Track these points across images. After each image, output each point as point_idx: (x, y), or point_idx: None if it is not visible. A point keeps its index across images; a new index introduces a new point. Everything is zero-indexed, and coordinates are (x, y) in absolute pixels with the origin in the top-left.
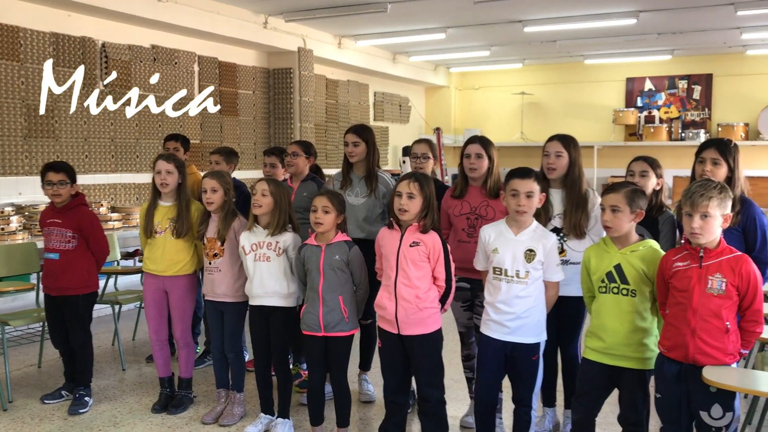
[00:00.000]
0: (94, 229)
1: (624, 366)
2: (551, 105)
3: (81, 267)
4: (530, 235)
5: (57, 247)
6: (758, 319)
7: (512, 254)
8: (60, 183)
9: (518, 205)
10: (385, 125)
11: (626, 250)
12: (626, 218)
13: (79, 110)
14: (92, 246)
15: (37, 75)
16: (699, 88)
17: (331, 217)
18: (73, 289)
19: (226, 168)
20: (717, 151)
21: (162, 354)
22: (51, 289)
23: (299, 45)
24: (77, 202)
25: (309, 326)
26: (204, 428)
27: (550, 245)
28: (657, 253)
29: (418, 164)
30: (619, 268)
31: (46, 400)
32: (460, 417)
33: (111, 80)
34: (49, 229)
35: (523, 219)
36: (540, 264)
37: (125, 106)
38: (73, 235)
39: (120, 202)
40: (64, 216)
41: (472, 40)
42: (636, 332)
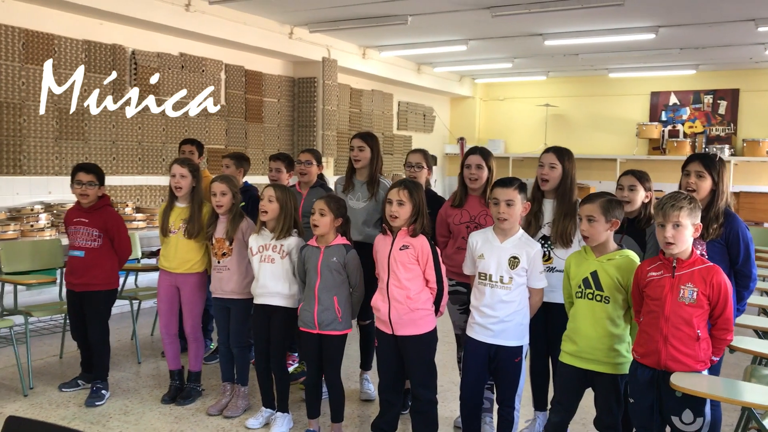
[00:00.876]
0: (120, 230)
1: (596, 370)
2: (575, 117)
3: (105, 265)
4: (515, 242)
5: (82, 245)
6: (728, 327)
7: (497, 260)
8: (89, 183)
9: (498, 212)
10: (408, 134)
11: (603, 258)
12: (602, 227)
13: (108, 114)
14: (116, 246)
15: (72, 80)
16: (725, 103)
17: (328, 220)
18: (95, 285)
19: (236, 172)
20: (701, 164)
21: (172, 347)
22: (74, 285)
23: (323, 55)
24: (103, 203)
25: (305, 323)
26: (208, 419)
27: (534, 253)
28: (632, 263)
29: (412, 173)
30: (595, 275)
31: (64, 388)
32: (454, 418)
33: (154, 83)
34: (75, 227)
35: (505, 227)
36: (524, 271)
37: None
38: (99, 234)
39: (145, 202)
40: (90, 216)
41: (493, 52)
42: (608, 337)
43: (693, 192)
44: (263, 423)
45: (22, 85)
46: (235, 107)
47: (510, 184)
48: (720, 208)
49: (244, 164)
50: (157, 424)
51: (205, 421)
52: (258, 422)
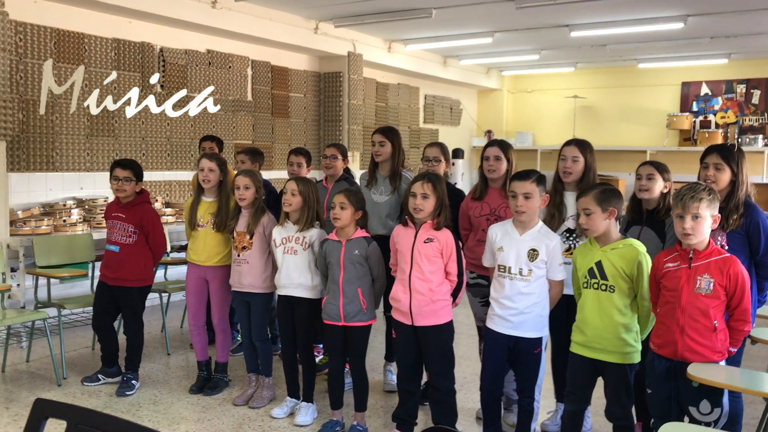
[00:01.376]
0: (155, 227)
1: (604, 359)
2: (604, 109)
3: (139, 261)
4: (534, 235)
5: (118, 240)
6: (746, 318)
7: (516, 253)
8: (125, 179)
9: (516, 205)
10: (435, 127)
11: (607, 248)
12: (599, 218)
13: (137, 111)
14: (151, 242)
15: (101, 78)
16: (758, 93)
17: (348, 213)
18: (129, 281)
19: (251, 167)
20: (720, 156)
21: (200, 339)
22: (108, 278)
23: (349, 49)
24: (141, 200)
25: (330, 316)
26: (234, 409)
27: (553, 245)
28: (634, 251)
29: (430, 167)
30: (599, 265)
31: (86, 382)
32: (476, 409)
33: (167, 83)
34: (113, 222)
35: (523, 219)
36: (543, 263)
37: (181, 108)
38: (135, 231)
39: (174, 198)
40: (127, 211)
41: (520, 44)
42: (615, 327)
43: (712, 183)
44: (288, 412)
45: (54, 83)
46: (262, 103)
47: (527, 177)
48: (740, 198)
49: (259, 159)
50: (185, 413)
51: (231, 411)
52: (283, 412)
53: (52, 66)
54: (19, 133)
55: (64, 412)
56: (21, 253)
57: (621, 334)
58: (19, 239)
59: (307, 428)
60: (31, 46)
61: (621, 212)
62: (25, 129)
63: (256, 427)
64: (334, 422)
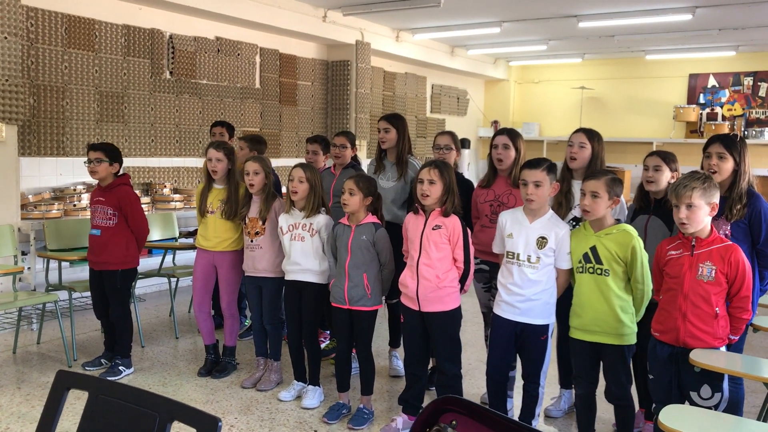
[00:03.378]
0: (132, 208)
1: (602, 342)
2: (611, 100)
3: (120, 243)
4: (544, 223)
5: (99, 223)
6: (745, 306)
7: (525, 240)
8: (96, 161)
9: (527, 193)
10: (442, 117)
11: (601, 233)
12: (604, 204)
13: (147, 97)
14: (131, 224)
15: (110, 64)
16: (765, 85)
17: (357, 199)
18: (112, 264)
19: (250, 154)
20: (722, 145)
21: (206, 323)
22: (94, 263)
23: (357, 38)
24: (120, 182)
25: (336, 299)
26: (242, 392)
27: (562, 234)
28: (628, 236)
29: (441, 155)
30: (594, 250)
31: (87, 367)
32: (481, 395)
33: (177, 69)
34: (95, 206)
35: (533, 207)
36: (551, 251)
37: (190, 94)
38: (114, 213)
39: (182, 184)
40: (107, 194)
41: (528, 35)
42: (611, 309)
43: (715, 173)
44: (295, 396)
45: (65, 69)
46: (270, 90)
47: (537, 165)
48: (743, 188)
49: (259, 146)
50: (194, 395)
51: (239, 393)
52: (290, 395)
53: (63, 52)
54: (30, 118)
55: (86, 383)
56: (32, 236)
57: (618, 315)
58: (30, 223)
59: (313, 411)
60: (42, 31)
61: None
62: (36, 114)
63: (263, 409)
64: (340, 405)
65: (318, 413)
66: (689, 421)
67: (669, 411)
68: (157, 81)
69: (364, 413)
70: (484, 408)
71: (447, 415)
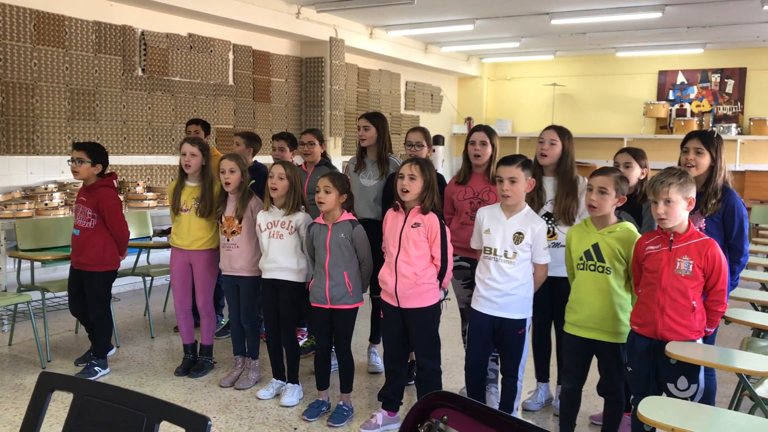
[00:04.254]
0: (110, 210)
1: (598, 339)
2: (583, 97)
3: (97, 245)
4: (521, 219)
5: (79, 224)
6: (721, 299)
7: (502, 235)
8: (77, 160)
9: (502, 190)
10: (416, 114)
11: (604, 231)
12: (611, 201)
13: (119, 95)
14: (109, 225)
15: (81, 61)
16: (732, 82)
17: (333, 197)
18: (89, 266)
19: (245, 151)
20: (700, 141)
21: (186, 322)
22: (74, 262)
23: (331, 35)
24: (102, 183)
25: (316, 299)
26: (221, 391)
27: (539, 229)
28: (632, 235)
29: (413, 152)
30: (596, 247)
31: (79, 363)
32: (459, 389)
33: (149, 67)
34: (78, 206)
35: (509, 203)
36: (528, 246)
37: (163, 92)
38: (93, 215)
39: (156, 182)
40: (88, 195)
41: (501, 32)
42: (610, 307)
43: (692, 168)
44: (274, 394)
45: (34, 66)
46: (243, 87)
47: (513, 161)
48: (718, 184)
49: (255, 144)
50: (172, 395)
51: (217, 392)
52: (269, 393)
53: (32, 49)
54: None
55: (71, 384)
56: (2, 236)
57: (617, 314)
58: (0, 222)
59: (293, 409)
60: (9, 27)
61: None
62: (5, 112)
63: (242, 408)
64: (320, 402)
65: (297, 411)
66: (667, 412)
67: (647, 403)
68: (129, 78)
69: (343, 410)
70: (474, 402)
71: (438, 410)
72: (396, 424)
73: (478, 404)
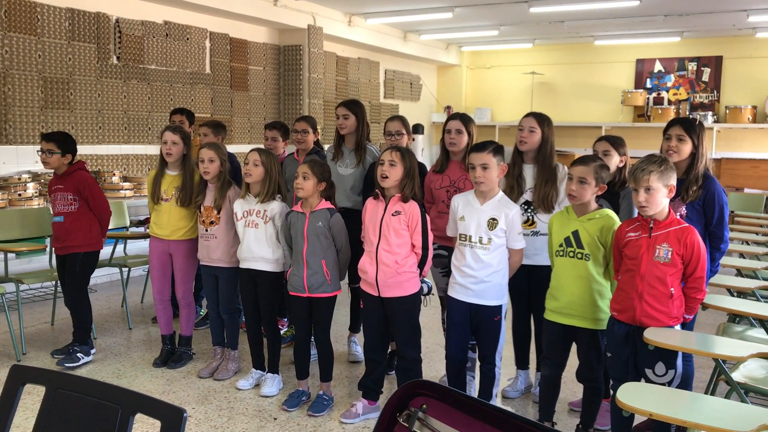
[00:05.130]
0: (92, 190)
1: (578, 325)
2: (561, 85)
3: (84, 227)
4: (494, 205)
5: (62, 210)
6: (700, 286)
7: (477, 222)
8: (47, 152)
9: (475, 176)
10: (395, 103)
11: (584, 218)
12: (591, 190)
13: (93, 83)
14: (93, 206)
15: (54, 49)
16: (708, 71)
17: (311, 183)
18: (75, 248)
19: (214, 140)
20: (682, 128)
21: (165, 313)
22: (58, 249)
23: (309, 22)
24: (76, 168)
25: (294, 288)
26: (200, 381)
27: (512, 215)
28: (611, 221)
29: (392, 141)
30: (576, 234)
31: (56, 355)
32: (439, 377)
33: (124, 54)
34: (55, 194)
35: (482, 189)
36: (502, 232)
37: (138, 80)
38: (75, 198)
39: (132, 172)
40: (65, 181)
41: (479, 20)
42: (589, 293)
43: (674, 154)
44: (254, 384)
45: (6, 53)
46: (221, 75)
47: (484, 148)
48: (699, 171)
49: (222, 132)
50: (150, 386)
51: (196, 383)
52: (248, 383)
53: (3, 36)
54: None
55: (43, 377)
56: None
57: (596, 300)
58: None
59: (273, 399)
60: None
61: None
62: None
63: (221, 398)
64: (300, 392)
65: (277, 401)
66: (646, 397)
67: (626, 388)
68: (104, 66)
69: (324, 400)
70: (453, 391)
71: (417, 399)
72: (376, 413)
73: (458, 393)
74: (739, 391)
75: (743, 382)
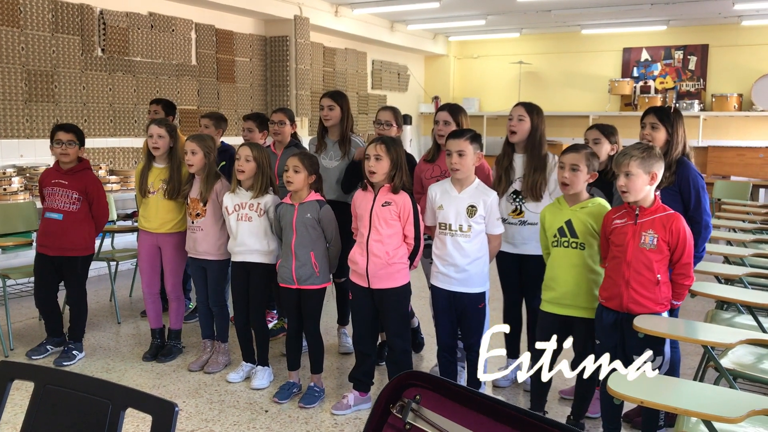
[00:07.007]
0: (99, 194)
1: (574, 315)
2: (549, 74)
3: (83, 229)
4: (471, 192)
5: (60, 207)
6: (687, 272)
7: (455, 210)
8: (69, 143)
9: (451, 163)
10: (383, 93)
11: (576, 207)
12: (583, 177)
13: (78, 76)
14: (95, 210)
15: (37, 41)
16: (695, 59)
17: (302, 177)
18: (74, 250)
19: (215, 132)
20: (655, 116)
21: (154, 306)
22: (49, 248)
23: (295, 13)
24: (83, 166)
25: (284, 279)
26: (190, 375)
27: (490, 201)
28: (604, 209)
29: (381, 131)
30: (569, 224)
31: (33, 356)
32: (430, 368)
33: (109, 47)
34: (53, 189)
35: (459, 176)
36: (482, 218)
37: (123, 72)
38: (79, 198)
39: (118, 165)
40: (70, 178)
41: (466, 9)
42: (586, 282)
43: (650, 143)
44: (244, 377)
45: None
46: (207, 67)
47: (461, 135)
48: (673, 158)
49: (222, 124)
50: (140, 381)
51: (186, 377)
52: (239, 376)
53: None
54: None
55: (32, 373)
56: None
57: (592, 289)
58: None
59: (263, 391)
60: None
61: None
62: None
63: (212, 391)
64: (290, 384)
65: (268, 393)
66: (636, 384)
67: (616, 376)
68: (89, 59)
69: (315, 391)
70: (446, 381)
71: (410, 390)
72: (367, 404)
73: (450, 383)
74: (728, 378)
75: (732, 368)
